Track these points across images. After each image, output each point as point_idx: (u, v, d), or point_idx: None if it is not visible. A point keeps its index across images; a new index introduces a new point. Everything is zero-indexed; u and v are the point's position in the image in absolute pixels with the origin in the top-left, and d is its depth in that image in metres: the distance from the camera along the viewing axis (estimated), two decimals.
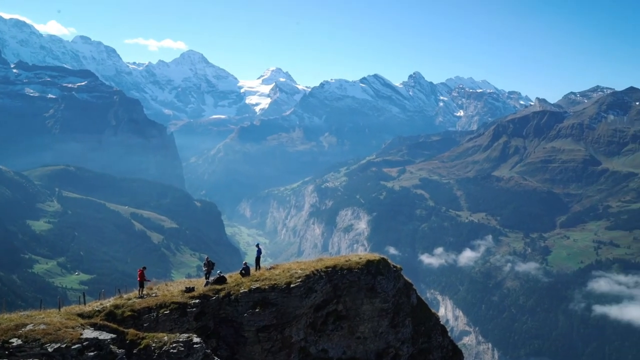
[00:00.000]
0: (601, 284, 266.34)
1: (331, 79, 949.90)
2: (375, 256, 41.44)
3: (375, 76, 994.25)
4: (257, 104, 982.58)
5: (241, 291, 33.25)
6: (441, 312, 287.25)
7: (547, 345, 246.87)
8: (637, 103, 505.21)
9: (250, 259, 41.92)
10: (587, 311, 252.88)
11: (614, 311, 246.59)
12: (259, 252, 39.76)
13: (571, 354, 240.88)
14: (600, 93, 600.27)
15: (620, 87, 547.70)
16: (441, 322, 46.71)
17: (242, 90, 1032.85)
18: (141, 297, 32.15)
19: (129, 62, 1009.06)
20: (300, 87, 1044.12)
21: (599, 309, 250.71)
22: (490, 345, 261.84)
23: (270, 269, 37.53)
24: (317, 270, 36.53)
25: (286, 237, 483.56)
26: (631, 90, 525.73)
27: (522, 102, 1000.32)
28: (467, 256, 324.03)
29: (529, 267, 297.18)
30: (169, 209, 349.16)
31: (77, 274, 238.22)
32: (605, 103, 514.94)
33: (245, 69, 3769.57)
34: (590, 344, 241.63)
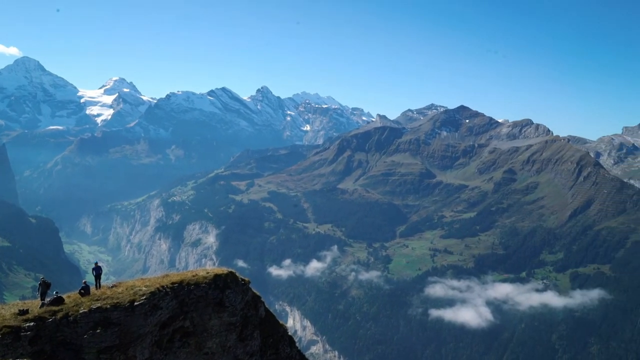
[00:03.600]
0: (437, 289, 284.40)
1: (178, 91, 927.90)
2: (223, 270, 41.37)
3: (223, 89, 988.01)
4: (98, 115, 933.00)
5: (80, 312, 31.74)
6: (290, 323, 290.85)
7: (389, 350, 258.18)
8: (467, 120, 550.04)
9: (90, 278, 40.04)
10: (425, 315, 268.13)
11: (449, 314, 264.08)
12: (99, 269, 38.18)
13: (412, 357, 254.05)
14: (434, 111, 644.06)
15: (452, 105, 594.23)
16: (289, 333, 47.50)
17: (82, 100, 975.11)
18: None
19: None
20: (145, 98, 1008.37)
21: (435, 312, 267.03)
22: (336, 353, 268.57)
23: (112, 287, 36.11)
24: (162, 286, 35.78)
25: (130, 254, 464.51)
26: (461, 108, 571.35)
27: (364, 118, 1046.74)
28: (314, 267, 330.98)
29: (372, 275, 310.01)
30: (0, 226, 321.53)
31: None
32: (439, 120, 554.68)
33: (86, 78, 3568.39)
34: (428, 347, 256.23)
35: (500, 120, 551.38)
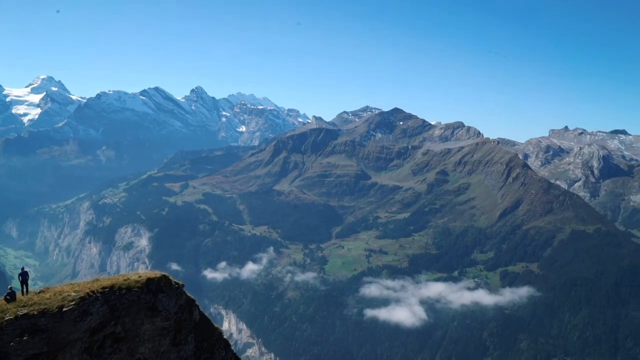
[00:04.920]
0: (372, 289, 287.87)
1: (109, 90, 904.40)
2: (156, 274, 40.53)
3: (157, 89, 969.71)
4: (25, 114, 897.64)
5: (6, 318, 30.51)
6: (225, 326, 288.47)
7: (325, 351, 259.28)
8: (401, 123, 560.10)
9: (16, 283, 38.62)
10: (360, 315, 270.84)
11: (383, 313, 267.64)
12: (26, 275, 36.86)
13: (347, 357, 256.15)
14: (369, 113, 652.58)
15: (386, 107, 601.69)
16: (225, 336, 47.03)
17: (7, 99, 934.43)
18: None
19: None
20: (74, 97, 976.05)
21: (370, 312, 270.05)
22: (273, 355, 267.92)
23: (39, 292, 34.84)
24: (92, 291, 34.76)
25: (59, 258, 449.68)
26: (396, 111, 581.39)
27: (300, 119, 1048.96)
28: (250, 269, 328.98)
29: (308, 276, 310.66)
30: None
31: None
32: (374, 122, 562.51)
33: (11, 77, 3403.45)
34: (364, 346, 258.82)
35: (433, 123, 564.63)
